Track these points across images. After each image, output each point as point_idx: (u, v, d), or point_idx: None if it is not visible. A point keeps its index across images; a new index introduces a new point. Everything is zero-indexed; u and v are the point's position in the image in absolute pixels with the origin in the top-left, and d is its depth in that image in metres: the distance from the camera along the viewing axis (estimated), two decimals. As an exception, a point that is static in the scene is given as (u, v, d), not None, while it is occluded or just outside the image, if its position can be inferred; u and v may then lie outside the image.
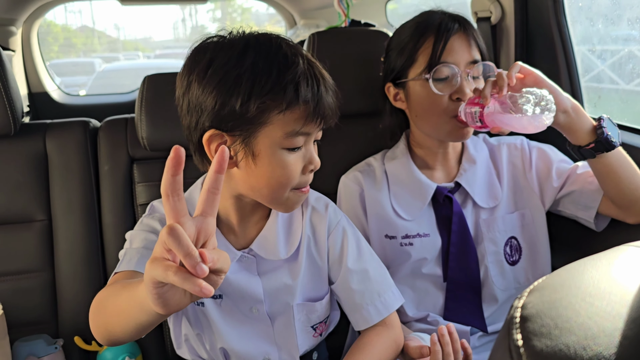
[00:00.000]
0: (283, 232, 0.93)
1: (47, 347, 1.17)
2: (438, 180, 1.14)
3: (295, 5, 2.88)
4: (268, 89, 0.76)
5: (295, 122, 0.79)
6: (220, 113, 0.78)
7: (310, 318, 0.96)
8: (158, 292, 0.55)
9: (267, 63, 0.77)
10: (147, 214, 0.94)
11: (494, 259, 1.11)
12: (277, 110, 0.77)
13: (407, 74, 1.08)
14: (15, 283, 1.23)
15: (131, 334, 0.67)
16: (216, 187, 0.57)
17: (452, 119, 1.04)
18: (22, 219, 1.25)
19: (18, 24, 2.33)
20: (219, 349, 0.93)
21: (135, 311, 0.63)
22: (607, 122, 0.98)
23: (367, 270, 0.95)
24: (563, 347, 0.29)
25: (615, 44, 1.65)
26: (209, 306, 0.92)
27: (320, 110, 0.80)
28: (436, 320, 1.10)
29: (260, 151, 0.80)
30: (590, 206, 1.08)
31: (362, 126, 1.33)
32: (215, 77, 0.77)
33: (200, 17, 26.93)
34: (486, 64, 1.06)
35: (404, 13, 3.16)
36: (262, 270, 0.93)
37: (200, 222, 0.56)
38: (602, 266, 0.35)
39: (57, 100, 2.60)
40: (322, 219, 0.96)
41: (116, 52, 19.44)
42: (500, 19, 1.37)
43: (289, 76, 0.77)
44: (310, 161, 0.84)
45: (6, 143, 1.26)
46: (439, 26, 1.04)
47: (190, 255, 0.51)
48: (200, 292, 0.51)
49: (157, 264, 0.53)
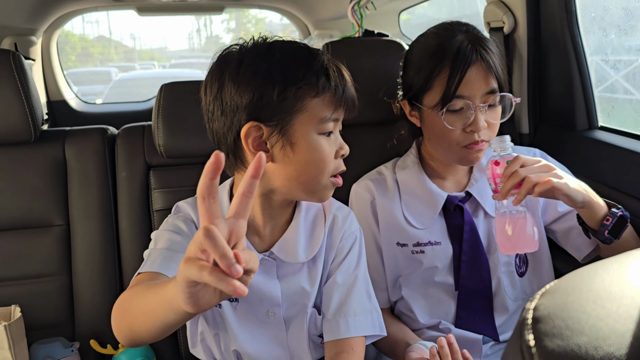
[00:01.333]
0: (305, 235, 0.95)
1: (64, 350, 1.19)
2: (449, 190, 1.14)
3: (309, 15, 2.91)
4: (302, 76, 0.83)
5: (327, 107, 0.85)
6: (258, 105, 0.82)
7: (317, 326, 0.97)
8: (191, 292, 0.56)
9: (293, 56, 0.85)
10: (173, 214, 0.97)
11: (506, 270, 1.11)
12: (310, 97, 0.83)
13: (422, 99, 1.07)
14: (34, 286, 1.25)
15: (156, 333, 0.68)
16: (250, 191, 0.59)
17: (463, 148, 1.05)
18: (41, 224, 1.28)
19: (38, 34, 2.38)
20: (232, 351, 0.94)
21: (162, 310, 0.64)
22: (615, 218, 0.95)
23: (352, 289, 0.95)
24: (574, 347, 0.29)
25: (629, 55, 1.65)
26: (225, 308, 0.93)
27: (347, 96, 0.86)
28: (448, 327, 1.10)
29: (298, 138, 0.84)
30: (582, 250, 1.10)
31: (373, 135, 1.34)
32: (248, 73, 0.83)
33: (215, 27, 27.21)
34: (503, 95, 1.05)
35: (417, 24, 3.18)
36: (282, 274, 0.94)
37: (233, 224, 0.57)
38: (614, 269, 0.35)
39: (75, 108, 2.65)
40: (340, 226, 0.98)
41: (132, 62, 19.70)
42: (513, 29, 1.38)
43: (317, 65, 0.84)
44: (341, 146, 0.89)
45: (26, 149, 1.29)
46: (457, 54, 1.00)
47: (225, 256, 0.52)
48: (235, 292, 0.52)
49: (191, 263, 0.54)
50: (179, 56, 20.86)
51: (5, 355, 1.12)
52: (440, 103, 1.02)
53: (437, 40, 1.05)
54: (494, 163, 0.94)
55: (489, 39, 1.06)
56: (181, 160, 1.32)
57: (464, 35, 1.04)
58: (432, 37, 1.07)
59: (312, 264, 0.96)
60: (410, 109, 1.13)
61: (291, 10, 2.93)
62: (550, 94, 1.38)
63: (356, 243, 0.99)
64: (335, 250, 0.97)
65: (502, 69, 1.05)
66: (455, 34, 1.04)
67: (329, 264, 0.97)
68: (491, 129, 1.05)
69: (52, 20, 2.46)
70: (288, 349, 0.96)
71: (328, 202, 1.00)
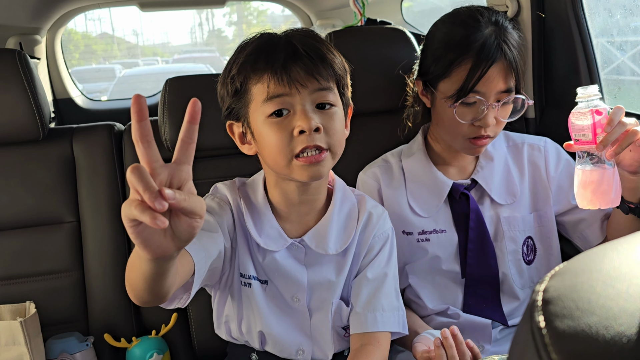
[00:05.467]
0: (337, 229, 0.97)
1: (79, 344, 1.21)
2: (454, 177, 1.14)
3: (311, 5, 2.90)
4: (242, 62, 0.88)
5: (264, 87, 0.86)
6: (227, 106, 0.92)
7: (343, 317, 0.99)
8: (135, 232, 0.57)
9: (240, 52, 0.90)
10: (210, 194, 1.00)
11: (513, 258, 1.12)
12: (253, 84, 0.87)
13: (437, 84, 1.06)
14: (47, 283, 1.27)
15: (143, 286, 0.69)
16: (189, 136, 0.60)
17: (467, 140, 1.05)
18: (52, 221, 1.29)
19: (42, 33, 2.39)
20: (257, 332, 0.97)
21: (137, 262, 0.67)
22: None
23: (382, 285, 0.98)
24: (585, 327, 0.30)
25: (635, 35, 1.63)
26: (255, 288, 0.96)
27: (288, 65, 0.85)
28: (457, 313, 1.10)
29: (255, 127, 0.89)
30: (590, 241, 1.11)
31: (378, 123, 1.34)
32: (220, 80, 0.93)
33: (217, 21, 27.16)
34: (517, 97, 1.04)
35: (420, 10, 3.15)
36: (309, 262, 0.97)
37: (174, 169, 0.59)
38: (623, 250, 0.35)
39: (81, 105, 2.66)
40: (374, 224, 1.00)
41: (135, 58, 19.72)
42: (517, 12, 1.37)
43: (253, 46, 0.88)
44: (298, 123, 0.84)
45: (35, 147, 1.31)
46: (482, 50, 0.99)
47: (148, 190, 0.53)
48: (154, 222, 0.53)
49: (127, 203, 0.56)
50: (182, 51, 20.84)
51: (22, 351, 1.14)
52: (456, 95, 1.01)
53: (464, 30, 1.02)
54: (596, 112, 0.88)
55: (513, 32, 1.04)
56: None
57: (491, 29, 1.01)
58: (459, 25, 1.04)
59: (342, 256, 0.98)
60: (423, 89, 1.12)
61: (293, 1, 2.92)
62: (555, 78, 1.37)
63: (388, 241, 1.01)
64: (368, 246, 0.99)
65: (522, 66, 1.04)
66: (482, 26, 1.02)
67: (360, 259, 0.99)
68: (498, 126, 1.05)
69: (56, 19, 2.47)
70: (311, 338, 0.99)
71: (363, 199, 1.02)
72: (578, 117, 0.89)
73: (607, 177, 0.88)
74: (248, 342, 1.00)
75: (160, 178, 0.57)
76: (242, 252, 0.96)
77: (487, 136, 1.04)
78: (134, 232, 0.57)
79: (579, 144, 0.90)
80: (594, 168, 0.89)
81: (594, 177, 0.88)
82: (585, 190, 0.90)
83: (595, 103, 0.88)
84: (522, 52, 1.05)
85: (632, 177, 0.93)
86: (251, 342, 0.99)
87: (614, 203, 0.90)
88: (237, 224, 0.96)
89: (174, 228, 0.59)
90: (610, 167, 0.88)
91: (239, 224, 0.96)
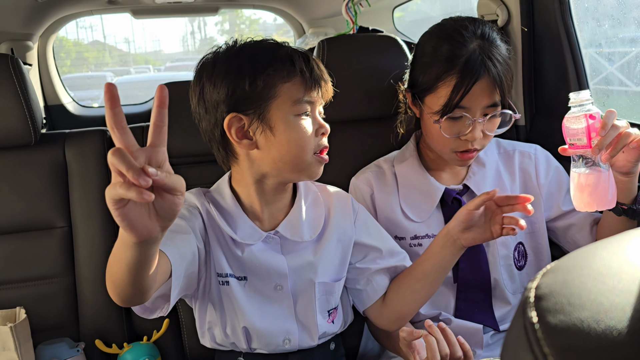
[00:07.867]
0: (307, 216, 1.01)
1: (70, 350, 1.20)
2: (446, 182, 1.15)
3: (304, 14, 2.92)
4: (267, 63, 0.90)
5: (299, 90, 0.91)
6: (234, 97, 0.90)
7: (328, 300, 1.02)
8: (120, 213, 0.59)
9: (260, 49, 0.93)
10: None
11: (504, 263, 1.12)
12: (281, 83, 0.90)
13: (424, 98, 1.07)
14: (38, 288, 1.26)
15: (127, 278, 0.69)
16: (161, 119, 0.62)
17: (455, 153, 1.07)
18: (43, 226, 1.28)
19: (34, 39, 2.38)
20: (241, 329, 0.97)
21: (122, 250, 0.67)
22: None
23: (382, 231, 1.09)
24: (577, 322, 0.30)
25: (624, 46, 1.66)
26: (233, 286, 0.97)
27: (316, 79, 0.93)
28: (448, 318, 1.11)
29: (276, 122, 0.91)
30: (580, 245, 1.11)
31: (370, 131, 1.34)
32: (222, 70, 0.91)
33: (209, 29, 27.19)
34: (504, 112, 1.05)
35: (411, 20, 3.18)
36: (287, 250, 1.00)
37: (150, 152, 0.61)
38: (612, 248, 0.36)
39: (72, 112, 2.65)
40: (346, 208, 1.06)
41: (127, 66, 19.68)
42: (507, 21, 1.39)
43: (282, 54, 0.92)
44: (321, 125, 0.95)
45: (27, 153, 1.30)
46: (465, 66, 0.99)
47: (132, 168, 0.55)
48: (141, 197, 0.55)
49: (111, 186, 0.57)
50: (174, 59, 20.85)
51: (12, 357, 1.12)
52: (441, 111, 1.02)
53: (449, 44, 1.02)
54: (590, 117, 0.89)
55: (501, 44, 1.04)
56: (179, 160, 1.33)
57: (476, 43, 1.01)
58: (444, 39, 1.04)
59: (316, 242, 1.02)
60: (412, 100, 1.13)
61: (285, 9, 2.93)
62: (545, 86, 1.39)
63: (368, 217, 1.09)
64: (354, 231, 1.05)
65: (508, 80, 1.03)
66: (467, 41, 1.01)
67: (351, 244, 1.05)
68: (486, 139, 1.06)
69: (48, 25, 2.46)
70: (296, 322, 1.00)
71: (324, 187, 1.08)
72: (572, 122, 0.90)
73: (603, 179, 0.89)
74: (235, 345, 1.00)
75: (140, 160, 0.59)
76: (216, 252, 0.97)
77: (475, 149, 1.05)
78: (120, 215, 0.59)
79: (574, 148, 0.91)
80: (590, 171, 0.90)
81: (590, 180, 0.89)
82: (582, 193, 0.91)
83: (588, 107, 0.89)
84: (509, 65, 1.05)
85: (624, 179, 0.95)
86: (237, 342, 0.99)
87: (611, 204, 0.90)
88: (207, 227, 0.98)
89: (158, 207, 0.61)
90: (606, 170, 0.89)
91: (210, 226, 0.98)
